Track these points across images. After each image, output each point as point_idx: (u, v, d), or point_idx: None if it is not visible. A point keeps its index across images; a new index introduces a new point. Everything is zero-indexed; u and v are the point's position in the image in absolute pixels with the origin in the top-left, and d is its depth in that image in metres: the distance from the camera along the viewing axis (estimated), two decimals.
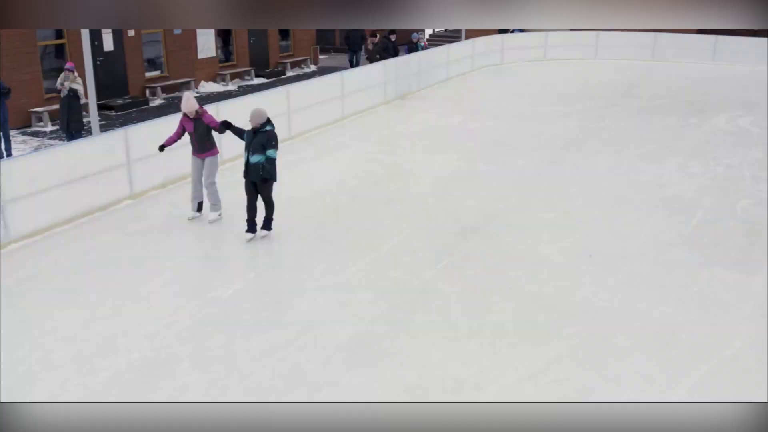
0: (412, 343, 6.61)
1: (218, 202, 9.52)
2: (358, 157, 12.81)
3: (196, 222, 9.56)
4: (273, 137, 8.56)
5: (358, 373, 6.13)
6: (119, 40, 17.59)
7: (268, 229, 8.98)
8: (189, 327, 6.91)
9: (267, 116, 8.59)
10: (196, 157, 9.43)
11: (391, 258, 8.45)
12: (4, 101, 12.75)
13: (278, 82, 21.04)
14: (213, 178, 9.42)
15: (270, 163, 8.56)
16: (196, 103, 9.23)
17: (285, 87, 13.95)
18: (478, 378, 6.03)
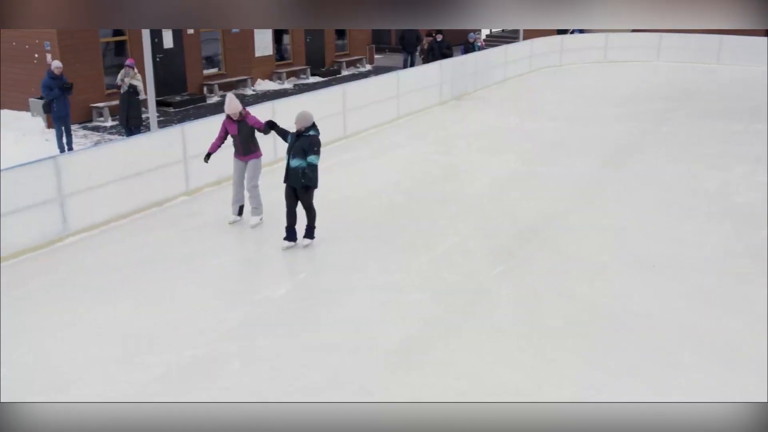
0: (464, 349, 6.42)
1: (260, 206, 9.27)
2: (414, 157, 12.66)
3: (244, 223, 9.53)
4: (315, 143, 8.24)
5: (407, 378, 5.98)
6: (179, 38, 17.82)
7: (311, 237, 8.62)
8: (239, 326, 6.87)
9: (313, 120, 8.32)
10: (238, 159, 9.23)
11: (446, 259, 8.28)
12: (67, 96, 13.03)
13: (333, 81, 21.04)
14: (256, 182, 9.22)
15: (311, 169, 8.22)
16: (239, 105, 9.07)
17: (341, 86, 13.88)
18: (532, 390, 5.81)
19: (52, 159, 8.70)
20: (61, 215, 8.84)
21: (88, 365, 6.21)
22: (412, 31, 20.69)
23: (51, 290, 7.65)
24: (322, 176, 11.31)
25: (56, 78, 12.85)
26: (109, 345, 6.54)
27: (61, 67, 12.94)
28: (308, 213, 8.55)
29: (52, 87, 12.82)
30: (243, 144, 9.11)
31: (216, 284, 7.78)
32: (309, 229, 8.62)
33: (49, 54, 15.45)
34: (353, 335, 6.65)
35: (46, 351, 6.45)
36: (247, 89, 19.42)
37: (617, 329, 6.75)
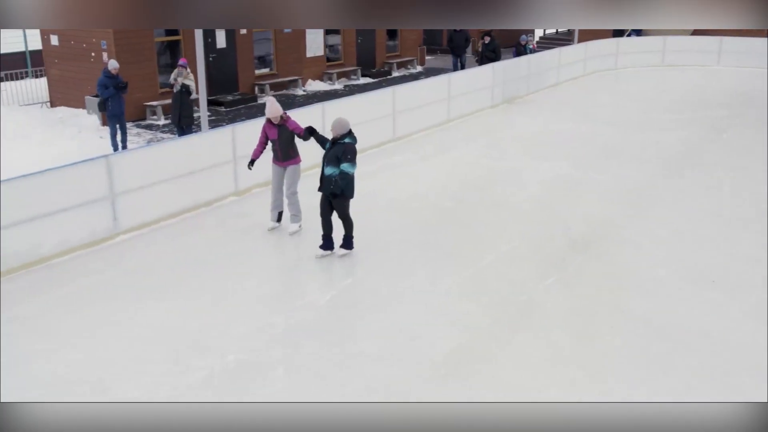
0: (512, 364, 6.24)
1: (299, 213, 9.08)
2: (464, 161, 12.47)
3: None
4: (350, 151, 7.96)
5: (452, 392, 5.82)
6: (231, 38, 17.96)
7: (348, 247, 8.36)
8: (284, 331, 6.80)
9: (349, 127, 8.08)
10: (277, 165, 9.04)
11: (495, 268, 8.09)
12: (122, 95, 13.23)
13: (384, 82, 20.95)
14: (295, 188, 9.05)
15: (343, 177, 7.96)
16: (280, 108, 8.88)
17: (391, 87, 13.77)
18: None
19: (104, 158, 8.79)
20: (111, 213, 8.93)
21: (133, 366, 6.22)
22: (460, 33, 20.40)
23: (99, 289, 7.71)
24: (370, 179, 11.34)
25: (112, 77, 13.05)
26: (155, 346, 6.54)
27: (118, 67, 13.14)
28: (344, 223, 8.31)
29: (108, 86, 13.03)
30: (282, 149, 8.92)
31: (261, 288, 7.75)
32: (346, 239, 8.37)
33: (105, 53, 15.73)
34: (399, 344, 6.53)
35: (91, 351, 6.49)
36: (298, 89, 19.47)
37: (674, 348, 6.47)
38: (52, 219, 8.33)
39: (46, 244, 8.36)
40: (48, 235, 8.34)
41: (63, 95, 17.17)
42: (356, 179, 11.14)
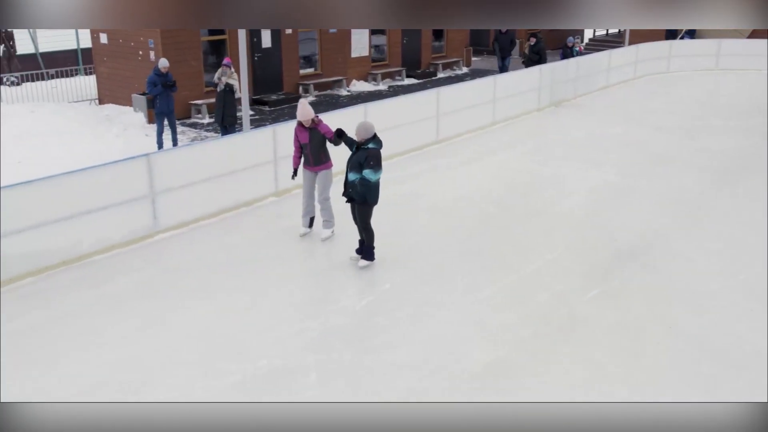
0: (551, 380, 5.98)
1: (332, 219, 8.82)
2: (508, 165, 12.20)
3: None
4: (373, 156, 7.69)
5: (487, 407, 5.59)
6: (277, 37, 17.97)
7: (368, 258, 8.03)
8: (318, 337, 6.67)
9: (374, 132, 7.82)
10: (308, 170, 8.80)
11: (538, 278, 7.82)
12: (171, 94, 13.31)
13: (429, 83, 20.74)
14: (327, 193, 8.81)
15: (363, 184, 7.70)
16: (312, 111, 8.62)
17: (435, 89, 13.57)
18: None
19: (144, 156, 8.80)
20: (151, 212, 8.94)
21: (166, 368, 6.17)
22: (506, 35, 20.02)
23: (137, 288, 7.70)
24: (411, 182, 11.17)
25: (161, 75, 13.16)
26: (188, 349, 6.48)
27: (168, 65, 13.25)
28: (364, 232, 8.00)
29: (157, 83, 13.16)
30: (313, 154, 8.69)
31: (298, 292, 7.64)
32: (367, 250, 8.05)
33: (152, 51, 15.88)
34: (435, 354, 6.33)
35: (124, 351, 6.45)
36: (342, 90, 19.39)
37: (725, 369, 6.14)
38: (93, 217, 8.36)
39: (86, 241, 8.39)
40: (88, 233, 8.38)
41: (111, 93, 17.41)
42: (396, 183, 11.08)
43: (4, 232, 7.64)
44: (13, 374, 6.10)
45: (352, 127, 8.28)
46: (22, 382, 5.99)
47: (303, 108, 8.60)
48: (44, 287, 7.73)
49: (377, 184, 7.87)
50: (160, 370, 6.14)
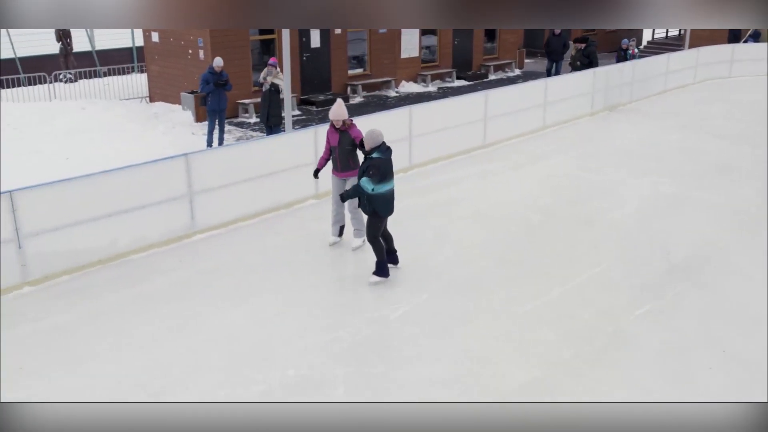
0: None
1: (363, 228, 8.31)
2: (557, 172, 11.77)
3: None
4: (373, 166, 7.31)
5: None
6: (326, 37, 17.85)
7: (379, 274, 7.60)
8: (349, 347, 6.44)
9: (381, 141, 7.42)
10: (336, 176, 8.45)
11: (582, 293, 7.44)
12: (223, 92, 13.31)
13: (480, 85, 20.34)
14: (357, 202, 8.46)
15: (360, 192, 7.39)
16: (346, 112, 8.21)
17: (483, 92, 13.21)
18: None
19: (183, 156, 8.72)
20: (189, 212, 8.86)
21: (190, 374, 6.03)
22: (558, 37, 19.36)
23: (171, 289, 7.62)
24: (455, 187, 10.87)
25: (215, 74, 13.20)
26: (216, 354, 6.33)
27: (222, 64, 13.27)
28: (371, 245, 7.63)
29: (209, 81, 13.19)
30: (341, 158, 8.31)
31: (331, 298, 7.43)
32: (377, 265, 7.62)
33: (201, 50, 15.93)
34: (468, 371, 6.04)
35: (154, 353, 6.35)
36: (391, 91, 19.17)
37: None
38: (130, 216, 8.32)
39: (123, 240, 8.35)
40: (125, 232, 8.34)
41: (161, 91, 17.56)
42: (439, 188, 10.80)
43: (40, 229, 7.64)
44: (39, 373, 6.05)
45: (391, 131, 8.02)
46: (46, 381, 5.94)
47: (338, 108, 8.25)
48: (79, 286, 7.71)
49: (386, 195, 7.47)
50: (185, 375, 6.00)
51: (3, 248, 7.42)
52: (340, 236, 8.74)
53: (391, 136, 11.24)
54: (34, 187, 7.64)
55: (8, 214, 7.41)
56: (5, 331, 6.74)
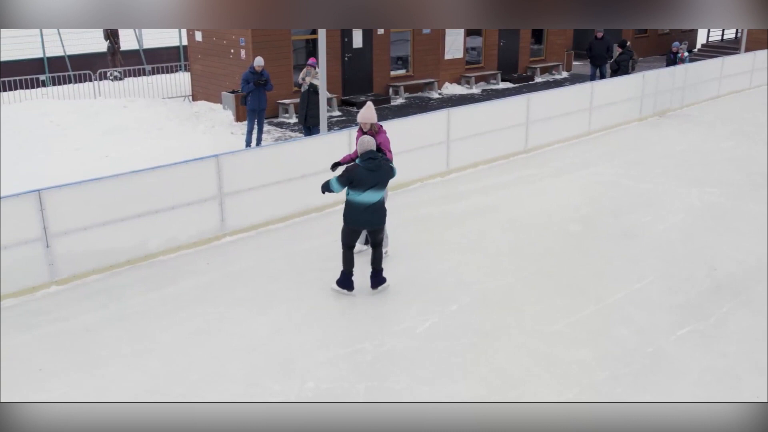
0: None
1: (386, 238, 8.14)
2: (600, 180, 11.35)
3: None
4: (346, 170, 7.11)
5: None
6: (368, 37, 17.67)
7: (338, 284, 7.41)
8: (372, 361, 6.22)
9: (368, 150, 7.09)
10: None
11: (621, 310, 7.07)
12: (263, 92, 13.24)
13: (525, 88, 19.88)
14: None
15: (324, 183, 7.30)
16: (374, 116, 7.89)
17: (525, 95, 12.84)
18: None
19: (214, 157, 8.62)
20: (219, 214, 8.76)
21: (210, 381, 5.89)
22: (602, 41, 18.70)
23: (198, 293, 7.51)
24: (492, 193, 10.57)
25: (255, 73, 13.14)
26: (237, 362, 6.19)
27: (263, 64, 13.19)
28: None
29: (250, 81, 13.13)
30: None
31: (356, 308, 7.22)
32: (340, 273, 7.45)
33: (242, 50, 15.90)
34: (496, 392, 5.75)
35: (174, 360, 6.24)
36: (433, 92, 18.89)
37: None
38: (160, 216, 8.26)
39: (153, 241, 8.29)
40: (155, 233, 8.27)
41: (204, 90, 17.61)
42: (475, 194, 10.51)
43: (69, 229, 7.61)
44: (59, 375, 5.99)
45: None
46: (65, 384, 5.87)
47: (366, 111, 7.94)
48: (107, 286, 7.66)
49: (356, 205, 7.14)
50: (203, 384, 5.86)
51: (31, 247, 7.42)
52: (366, 244, 8.50)
53: (428, 140, 11.08)
54: (62, 186, 7.62)
55: (36, 213, 7.40)
56: (30, 331, 6.72)
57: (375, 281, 7.44)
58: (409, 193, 10.69)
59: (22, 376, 5.98)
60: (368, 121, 7.91)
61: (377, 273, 7.44)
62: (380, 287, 7.45)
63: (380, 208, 7.26)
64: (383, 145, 7.89)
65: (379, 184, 7.13)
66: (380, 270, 7.44)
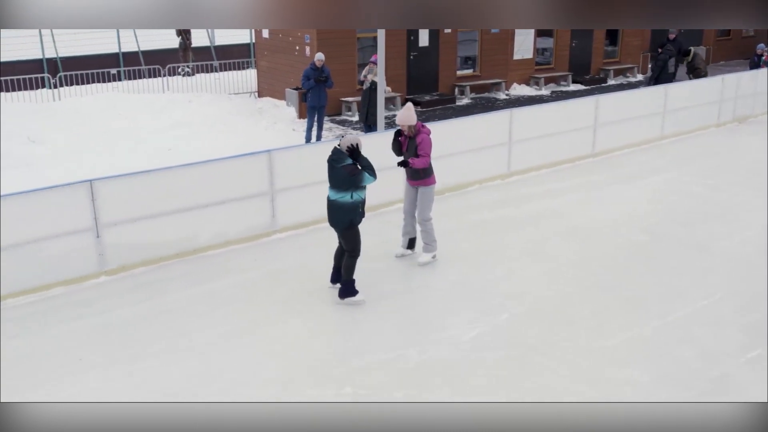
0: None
1: (433, 243, 7.86)
2: (671, 188, 10.72)
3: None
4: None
5: None
6: (435, 36, 17.35)
7: (340, 296, 7.03)
8: (414, 368, 5.93)
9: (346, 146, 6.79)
10: (408, 184, 7.88)
11: (684, 328, 6.56)
12: (323, 88, 13.13)
13: (597, 90, 19.16)
14: (428, 214, 7.78)
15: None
16: (414, 117, 7.54)
17: (594, 97, 12.29)
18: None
19: (266, 153, 8.50)
20: (270, 210, 8.64)
21: (243, 383, 5.74)
22: (674, 42, 17.76)
23: (242, 291, 7.40)
24: (555, 199, 10.12)
25: (316, 69, 13.04)
26: (273, 365, 6.02)
27: (323, 60, 13.09)
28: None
29: (310, 77, 13.04)
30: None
31: (401, 313, 6.95)
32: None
33: (308, 47, 15.85)
34: None
35: (211, 357, 6.13)
36: (500, 93, 18.42)
37: None
38: (211, 210, 8.20)
39: (203, 235, 8.24)
40: (205, 227, 8.22)
41: (269, 86, 17.67)
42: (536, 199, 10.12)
43: (119, 220, 7.62)
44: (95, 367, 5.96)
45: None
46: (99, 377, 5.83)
47: (404, 112, 7.58)
48: (153, 279, 7.65)
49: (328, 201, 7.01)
50: (236, 385, 5.71)
51: (82, 237, 7.45)
52: (409, 249, 8.19)
53: (489, 140, 10.70)
54: (113, 177, 7.64)
55: (88, 203, 7.43)
56: (73, 322, 6.73)
57: (340, 290, 7.05)
58: (468, 195, 10.36)
59: (61, 368, 5.97)
60: (406, 123, 7.58)
61: (343, 282, 7.01)
62: (346, 300, 6.99)
63: (337, 209, 6.85)
64: (421, 147, 7.56)
65: (332, 181, 6.86)
66: (347, 280, 6.98)
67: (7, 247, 7.04)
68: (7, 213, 6.99)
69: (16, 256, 7.09)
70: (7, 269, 7.06)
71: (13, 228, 7.03)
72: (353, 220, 6.87)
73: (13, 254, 7.08)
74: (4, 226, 6.98)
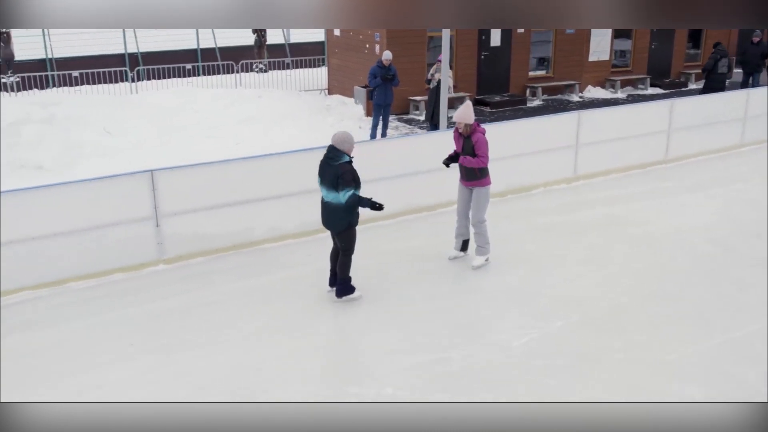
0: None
1: (486, 245, 7.69)
2: (746, 197, 10.18)
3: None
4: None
5: None
6: (507, 36, 17.07)
7: (337, 295, 6.96)
8: (457, 372, 5.81)
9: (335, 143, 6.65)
10: (462, 185, 7.76)
11: (748, 346, 6.17)
12: (389, 87, 13.11)
13: (677, 94, 18.48)
14: (482, 216, 7.62)
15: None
16: (471, 116, 7.41)
17: (669, 100, 11.81)
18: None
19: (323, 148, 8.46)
20: None
21: (281, 379, 5.72)
22: (758, 46, 16.88)
23: (292, 284, 7.44)
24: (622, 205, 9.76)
25: (383, 68, 13.03)
26: (314, 360, 6.02)
27: (390, 58, 13.06)
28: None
29: (377, 75, 13.04)
30: (465, 167, 7.57)
31: (449, 314, 6.81)
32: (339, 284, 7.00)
33: (377, 45, 15.85)
34: None
35: (251, 351, 6.15)
36: (573, 95, 17.98)
37: None
38: (268, 204, 8.28)
39: (259, 228, 8.32)
40: (262, 220, 8.30)
41: (339, 84, 17.77)
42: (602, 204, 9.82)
43: (179, 210, 7.78)
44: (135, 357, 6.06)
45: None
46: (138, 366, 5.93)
47: (463, 110, 7.46)
48: (208, 270, 7.78)
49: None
50: (274, 381, 5.69)
51: (142, 225, 7.64)
52: (462, 251, 8.03)
53: (555, 143, 10.42)
54: (173, 168, 7.79)
55: (149, 192, 7.60)
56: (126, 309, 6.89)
57: (337, 289, 6.97)
58: (531, 198, 10.13)
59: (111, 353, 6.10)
60: (462, 121, 7.44)
61: (339, 281, 6.93)
62: (344, 298, 6.94)
63: (332, 211, 6.70)
64: (477, 146, 7.42)
65: (323, 180, 6.72)
66: (344, 279, 6.91)
67: (72, 232, 7.28)
68: (75, 199, 7.23)
69: (81, 241, 7.32)
70: (71, 253, 7.30)
71: (78, 214, 7.27)
72: (351, 222, 6.78)
73: (79, 239, 7.32)
74: (72, 211, 7.23)
